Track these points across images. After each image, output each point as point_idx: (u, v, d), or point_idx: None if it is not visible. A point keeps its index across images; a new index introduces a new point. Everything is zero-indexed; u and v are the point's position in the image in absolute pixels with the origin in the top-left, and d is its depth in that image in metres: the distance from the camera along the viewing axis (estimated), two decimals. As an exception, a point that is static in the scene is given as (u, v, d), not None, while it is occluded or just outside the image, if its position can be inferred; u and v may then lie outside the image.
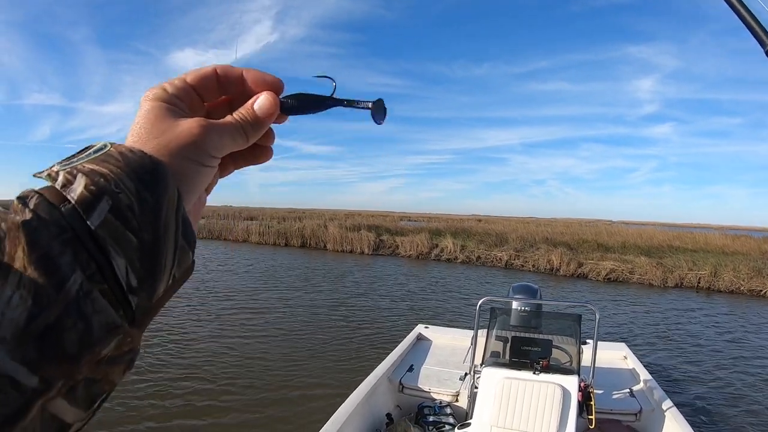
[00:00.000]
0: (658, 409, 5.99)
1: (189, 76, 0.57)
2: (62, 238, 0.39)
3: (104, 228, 0.41)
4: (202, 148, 0.52)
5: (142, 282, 0.43)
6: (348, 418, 5.23)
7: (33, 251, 0.37)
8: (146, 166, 0.46)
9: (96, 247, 0.40)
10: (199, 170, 0.53)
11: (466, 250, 31.30)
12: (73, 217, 0.40)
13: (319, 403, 8.09)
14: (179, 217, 0.48)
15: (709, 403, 9.13)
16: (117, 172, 0.44)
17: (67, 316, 0.37)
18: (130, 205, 0.43)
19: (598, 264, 25.68)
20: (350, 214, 66.14)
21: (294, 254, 32.17)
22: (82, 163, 0.44)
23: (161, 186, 0.46)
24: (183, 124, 0.52)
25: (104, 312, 0.40)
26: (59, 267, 0.38)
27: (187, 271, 0.51)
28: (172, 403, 7.96)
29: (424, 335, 8.59)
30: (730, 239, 33.04)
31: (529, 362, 5.44)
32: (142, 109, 0.53)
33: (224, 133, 0.55)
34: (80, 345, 0.38)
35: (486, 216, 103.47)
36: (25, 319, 0.35)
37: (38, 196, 0.40)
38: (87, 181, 0.42)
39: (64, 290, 0.37)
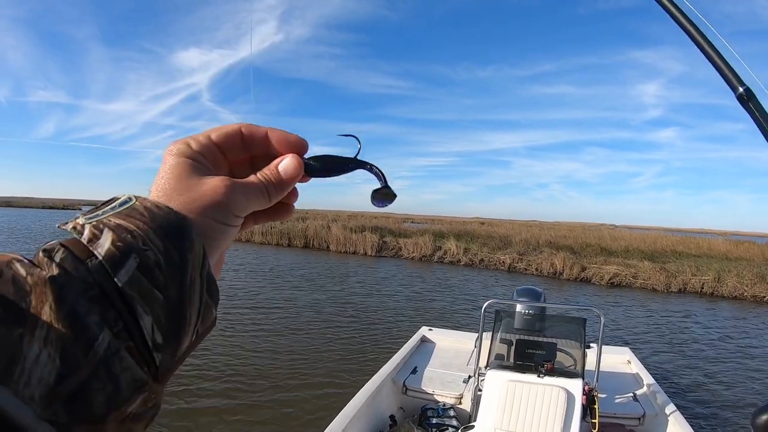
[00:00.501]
0: (662, 413, 5.98)
1: (214, 133, 0.57)
2: (89, 295, 0.38)
3: (132, 285, 0.40)
4: (227, 208, 0.52)
5: (167, 339, 0.43)
6: (351, 420, 5.22)
7: (61, 308, 0.36)
8: (173, 223, 0.46)
9: (123, 304, 0.40)
10: (223, 229, 0.52)
11: (469, 252, 31.27)
12: (101, 273, 0.39)
13: (323, 403, 8.11)
14: (204, 274, 0.47)
15: (712, 408, 9.11)
16: (144, 228, 0.43)
17: (96, 376, 0.36)
18: (158, 262, 0.42)
19: (601, 268, 25.65)
20: (353, 215, 66.02)
21: (297, 255, 32.15)
22: (107, 216, 0.43)
23: (187, 243, 0.46)
24: (208, 182, 0.52)
25: (131, 370, 0.39)
26: (87, 325, 0.37)
27: (211, 326, 0.50)
28: (173, 400, 7.97)
29: (428, 337, 8.58)
30: (733, 245, 33.01)
31: (534, 365, 5.44)
32: (167, 164, 0.52)
33: (249, 193, 0.55)
34: (108, 404, 0.37)
35: (489, 219, 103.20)
36: (55, 379, 0.34)
37: (64, 249, 0.40)
38: (114, 237, 0.41)
39: (93, 350, 0.37)
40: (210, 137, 0.56)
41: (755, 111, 1.46)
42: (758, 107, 1.46)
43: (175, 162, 0.52)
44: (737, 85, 1.51)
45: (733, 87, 1.52)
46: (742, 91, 1.49)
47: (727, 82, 1.55)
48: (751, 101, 1.47)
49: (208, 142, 0.56)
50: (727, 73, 1.55)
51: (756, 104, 1.47)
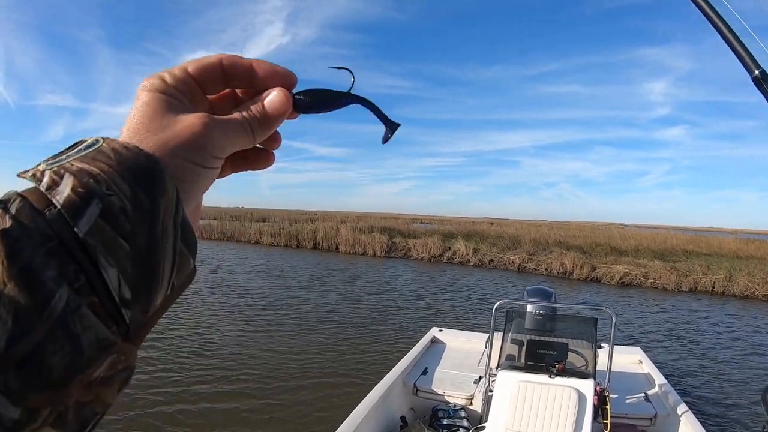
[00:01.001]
0: (674, 414, 5.95)
1: (191, 65, 0.52)
2: (46, 247, 0.34)
3: (94, 235, 0.36)
4: (204, 148, 0.47)
5: (136, 293, 0.39)
6: (362, 421, 5.22)
7: (13, 264, 0.32)
8: (142, 164, 0.41)
9: (85, 256, 0.36)
10: (200, 171, 0.48)
11: (478, 253, 31.19)
12: (59, 223, 0.36)
13: (333, 404, 8.11)
14: (178, 220, 0.43)
15: (724, 408, 9.07)
16: (109, 171, 0.39)
17: (52, 337, 0.33)
18: (123, 209, 0.38)
19: (611, 268, 25.55)
20: (362, 216, 66.11)
21: (306, 256, 32.22)
22: (71, 160, 0.39)
23: (158, 187, 0.41)
24: (183, 120, 0.47)
25: (94, 329, 0.36)
26: (43, 281, 0.33)
27: (188, 279, 0.46)
28: (183, 396, 7.99)
29: (439, 338, 8.57)
30: (743, 243, 32.84)
31: (545, 366, 5.43)
32: (139, 101, 0.48)
33: (229, 131, 0.50)
34: (68, 369, 0.34)
35: (498, 219, 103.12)
36: (5, 343, 0.31)
37: (21, 199, 0.36)
38: (75, 183, 0.37)
39: (49, 308, 0.33)
40: (187, 69, 0.51)
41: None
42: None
43: (147, 98, 0.48)
44: (753, 67, 1.51)
45: (749, 69, 1.52)
46: (758, 73, 1.49)
47: (743, 63, 1.55)
48: (766, 83, 1.47)
49: (184, 75, 0.51)
50: (744, 55, 1.55)
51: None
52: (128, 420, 7.24)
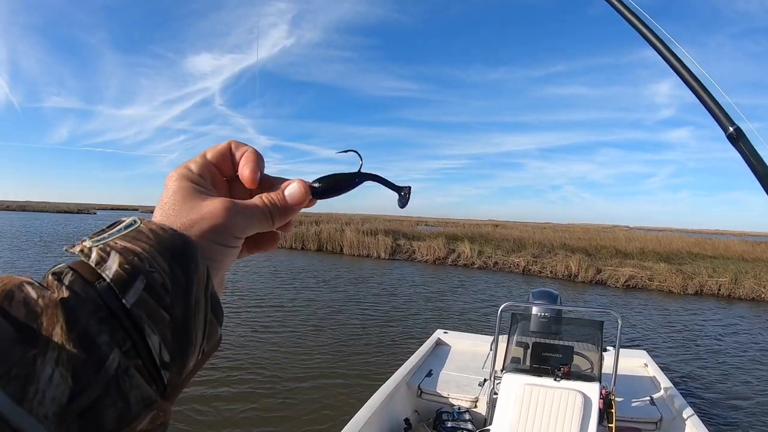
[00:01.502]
0: (679, 417, 5.92)
1: (209, 153, 0.59)
2: (98, 315, 0.39)
3: (139, 306, 0.41)
4: (228, 230, 0.53)
5: (174, 357, 0.44)
6: (366, 423, 5.21)
7: (72, 329, 0.37)
8: (178, 245, 0.47)
9: (131, 324, 0.41)
10: (224, 251, 0.53)
11: (483, 255, 31.16)
12: (109, 295, 0.41)
13: (338, 406, 8.11)
14: (208, 293, 0.48)
15: (730, 412, 9.03)
16: (150, 250, 0.44)
17: (107, 394, 0.37)
18: (164, 284, 0.44)
19: (616, 270, 25.50)
20: (367, 218, 66.13)
21: (311, 258, 32.27)
22: (114, 239, 0.44)
23: (192, 265, 0.47)
24: (209, 204, 0.53)
25: (140, 388, 0.40)
26: (98, 345, 0.38)
27: (216, 344, 0.51)
28: (189, 394, 7.97)
29: (443, 340, 8.56)
30: (749, 246, 32.71)
31: (550, 369, 5.40)
32: (169, 189, 0.54)
33: (250, 215, 0.55)
34: (119, 422, 0.38)
35: (503, 221, 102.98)
36: (68, 398, 0.35)
37: (73, 273, 0.41)
38: (121, 260, 0.42)
39: (104, 368, 0.38)
40: (206, 157, 0.58)
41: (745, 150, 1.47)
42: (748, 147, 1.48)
43: (177, 186, 0.54)
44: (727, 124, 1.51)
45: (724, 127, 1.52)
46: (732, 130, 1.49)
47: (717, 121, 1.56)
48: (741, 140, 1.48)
49: (205, 162, 0.58)
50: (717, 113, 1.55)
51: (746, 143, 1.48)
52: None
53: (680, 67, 1.69)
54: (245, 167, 0.59)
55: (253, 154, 0.60)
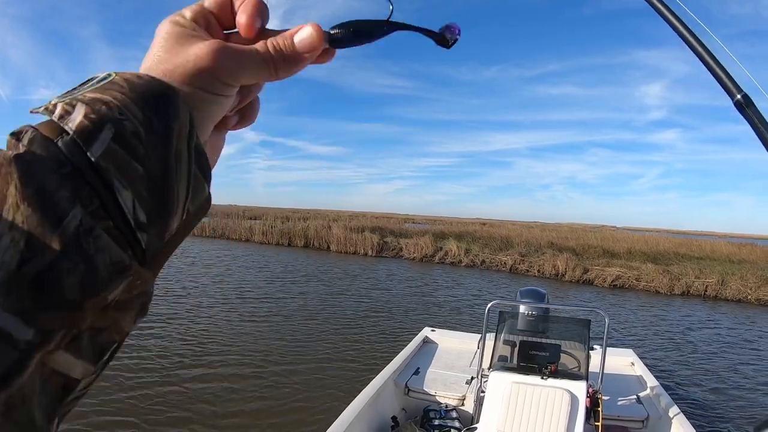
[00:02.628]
0: (665, 416, 5.94)
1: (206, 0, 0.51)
2: (60, 172, 0.35)
3: (107, 158, 0.37)
4: (215, 74, 0.46)
5: (151, 216, 0.39)
6: (353, 421, 5.19)
7: (26, 187, 0.32)
8: (154, 89, 0.41)
9: (98, 179, 0.36)
10: (211, 99, 0.47)
11: (470, 253, 31.18)
12: (72, 149, 0.36)
13: (324, 405, 8.07)
14: (192, 144, 0.43)
15: (716, 410, 9.09)
16: (121, 98, 0.39)
17: (66, 257, 0.33)
18: (136, 132, 0.38)
19: (604, 270, 25.58)
20: (354, 215, 66.27)
21: (297, 255, 32.11)
22: (83, 92, 0.39)
23: (171, 110, 0.41)
24: (196, 46, 0.46)
25: (109, 250, 0.35)
26: (56, 203, 0.33)
27: (203, 206, 0.46)
28: (170, 397, 7.95)
29: (431, 338, 8.55)
30: (736, 247, 32.99)
31: (537, 367, 5.41)
32: (158, 36, 0.48)
33: (244, 60, 0.49)
34: (82, 289, 0.34)
35: (490, 220, 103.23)
36: (17, 263, 0.31)
37: (33, 130, 0.36)
38: (87, 110, 0.37)
39: (62, 227, 0.33)
40: (203, 4, 0.51)
41: (754, 117, 1.42)
42: (757, 114, 1.42)
43: (165, 33, 0.48)
44: (735, 91, 1.46)
45: (731, 93, 1.47)
46: (740, 97, 1.44)
47: (724, 88, 1.50)
48: (750, 108, 1.43)
49: (201, 9, 0.50)
50: (725, 79, 1.50)
51: (754, 111, 1.42)
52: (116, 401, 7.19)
53: (684, 31, 1.65)
54: (241, 13, 0.51)
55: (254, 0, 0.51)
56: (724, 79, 1.51)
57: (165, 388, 8.43)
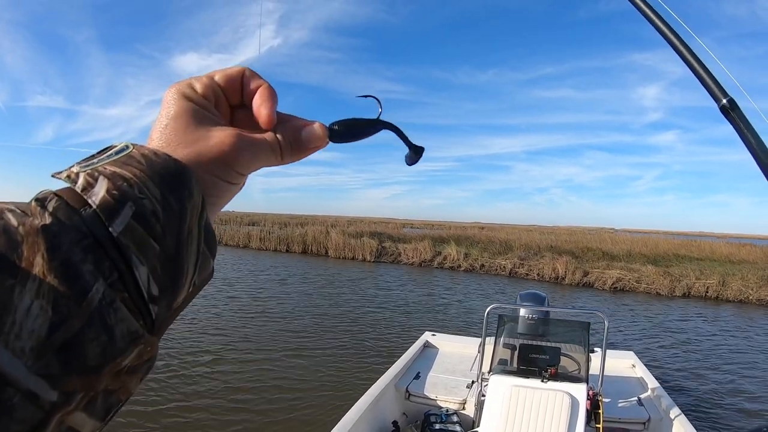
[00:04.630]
0: (667, 418, 5.92)
1: (217, 75, 0.53)
2: (83, 244, 0.37)
3: (127, 235, 0.39)
4: (233, 166, 0.50)
5: (163, 291, 0.41)
6: (354, 425, 5.18)
7: (54, 258, 0.35)
8: (171, 170, 0.43)
9: (118, 255, 0.38)
10: (226, 186, 0.51)
11: (469, 258, 31.18)
12: (95, 222, 0.38)
13: (325, 410, 8.07)
14: (202, 224, 0.45)
15: (718, 412, 9.06)
16: (141, 176, 0.41)
17: (90, 326, 0.35)
18: (155, 211, 0.41)
19: (604, 273, 25.53)
20: (352, 221, 66.31)
21: (296, 260, 32.18)
22: (103, 164, 0.41)
23: (186, 192, 0.44)
24: (214, 135, 0.49)
25: (126, 321, 0.38)
26: (81, 275, 0.36)
27: (207, 278, 0.48)
28: (170, 402, 7.94)
29: (431, 343, 8.53)
30: (735, 248, 33.00)
31: (537, 370, 5.38)
32: (170, 109, 0.50)
33: (259, 152, 0.52)
34: (103, 356, 0.36)
35: (489, 224, 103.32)
36: (47, 330, 0.33)
37: (58, 198, 0.38)
38: (109, 185, 0.40)
39: (87, 300, 0.35)
40: (213, 78, 0.53)
41: (739, 122, 1.42)
42: (742, 118, 1.43)
43: (178, 108, 0.50)
44: (720, 96, 1.47)
45: (716, 98, 1.48)
46: (725, 102, 1.45)
47: (709, 92, 1.52)
48: (735, 111, 1.44)
49: (212, 83, 0.53)
50: (710, 84, 1.51)
51: (739, 114, 1.43)
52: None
53: (671, 35, 1.65)
54: (262, 106, 0.54)
55: (270, 90, 0.55)
56: (709, 84, 1.53)
57: (163, 394, 8.44)
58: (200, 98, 0.51)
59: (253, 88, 0.54)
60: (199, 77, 0.53)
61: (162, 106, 0.50)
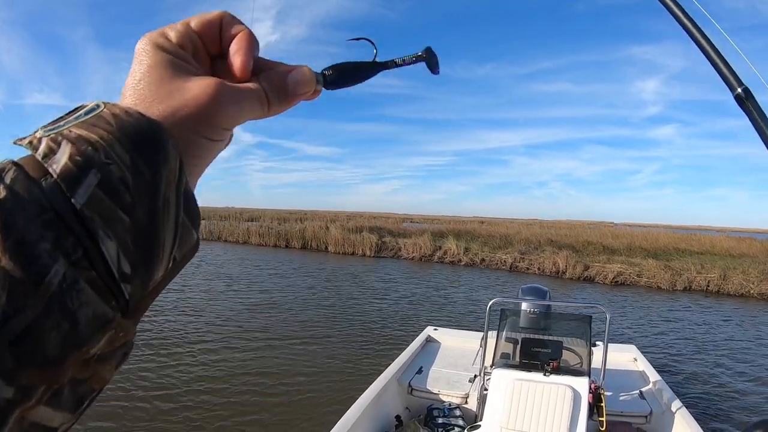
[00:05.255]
0: (669, 411, 5.93)
1: (194, 21, 0.49)
2: (42, 219, 0.33)
3: (91, 206, 0.35)
4: (215, 120, 0.45)
5: (136, 267, 0.37)
6: (357, 420, 5.19)
7: (7, 237, 0.31)
8: (143, 131, 0.39)
9: (82, 229, 0.35)
10: (207, 144, 0.46)
11: (469, 252, 31.17)
12: (55, 193, 0.34)
13: (328, 404, 8.09)
14: (181, 190, 0.41)
15: (720, 405, 9.08)
16: (108, 138, 0.37)
17: (48, 314, 0.32)
18: (123, 178, 0.37)
19: (604, 267, 25.50)
20: (352, 216, 66.34)
21: (295, 256, 32.17)
22: (69, 127, 0.37)
23: (160, 155, 0.39)
24: (193, 87, 0.44)
25: (92, 305, 0.34)
26: (38, 255, 0.32)
27: (191, 251, 0.43)
28: (170, 400, 7.95)
29: (434, 337, 8.54)
30: (735, 241, 33.13)
31: (540, 364, 5.40)
32: (143, 62, 0.45)
33: (243, 102, 0.47)
34: (64, 346, 0.33)
35: (488, 218, 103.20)
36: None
37: (16, 168, 0.34)
38: (72, 150, 0.35)
39: (44, 283, 0.32)
40: (189, 25, 0.48)
41: (753, 111, 1.40)
42: (756, 108, 1.41)
43: (152, 60, 0.45)
44: (736, 85, 1.45)
45: (731, 87, 1.46)
46: (740, 91, 1.43)
47: (725, 81, 1.49)
48: (750, 101, 1.42)
49: (188, 31, 0.48)
50: (726, 72, 1.49)
51: (754, 104, 1.41)
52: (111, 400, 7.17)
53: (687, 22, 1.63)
54: (237, 53, 0.49)
55: (248, 35, 0.50)
56: (725, 72, 1.50)
57: (164, 383, 8.44)
58: (176, 48, 0.46)
59: (232, 34, 0.50)
60: (174, 25, 0.48)
61: (134, 60, 0.46)
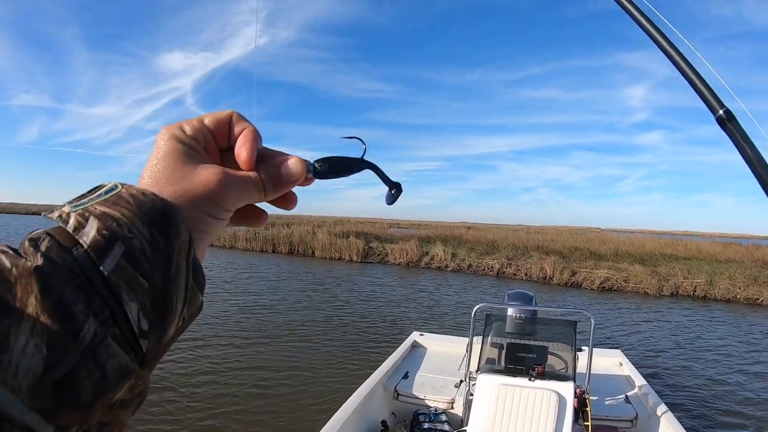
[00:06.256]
0: (654, 415, 5.96)
1: (207, 118, 0.56)
2: (75, 283, 0.39)
3: (117, 273, 0.41)
4: (218, 202, 0.52)
5: (153, 325, 0.43)
6: (342, 426, 5.17)
7: (46, 298, 0.36)
8: (158, 209, 0.46)
9: (109, 292, 0.40)
10: (212, 222, 0.53)
11: (456, 258, 31.21)
12: (86, 262, 0.40)
13: (313, 410, 8.06)
14: (190, 260, 0.47)
15: (705, 409, 9.13)
16: (129, 215, 0.43)
17: (83, 364, 0.37)
18: (143, 249, 0.43)
19: (591, 272, 25.63)
20: (339, 221, 66.25)
21: (282, 261, 32.09)
22: (93, 204, 0.44)
23: (173, 230, 0.46)
24: (201, 173, 0.52)
25: (117, 357, 0.40)
26: (74, 314, 0.37)
27: (197, 311, 0.50)
28: (158, 408, 7.89)
29: (420, 342, 8.54)
30: (721, 247, 33.22)
31: (525, 369, 5.41)
32: (160, 150, 0.52)
33: (242, 188, 0.55)
34: (95, 392, 0.38)
35: (475, 223, 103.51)
36: (42, 369, 0.35)
37: (50, 239, 0.40)
38: (99, 225, 0.42)
39: (80, 338, 0.37)
40: (203, 122, 0.56)
41: (735, 133, 1.41)
42: (739, 129, 1.42)
43: (168, 148, 0.52)
44: (717, 107, 1.46)
45: (713, 109, 1.47)
46: (722, 113, 1.44)
47: (706, 104, 1.50)
48: (732, 123, 1.43)
49: (201, 126, 0.55)
50: (707, 96, 1.50)
51: (736, 126, 1.42)
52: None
53: (668, 46, 1.64)
54: (242, 147, 0.56)
55: (252, 133, 0.57)
56: (706, 95, 1.51)
57: (155, 394, 8.36)
58: (189, 139, 0.53)
59: (238, 131, 0.57)
60: (190, 120, 0.55)
61: (154, 147, 0.52)
